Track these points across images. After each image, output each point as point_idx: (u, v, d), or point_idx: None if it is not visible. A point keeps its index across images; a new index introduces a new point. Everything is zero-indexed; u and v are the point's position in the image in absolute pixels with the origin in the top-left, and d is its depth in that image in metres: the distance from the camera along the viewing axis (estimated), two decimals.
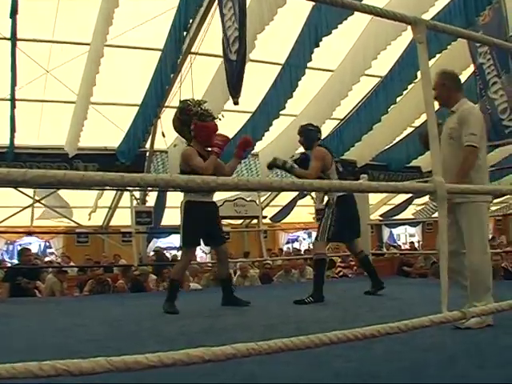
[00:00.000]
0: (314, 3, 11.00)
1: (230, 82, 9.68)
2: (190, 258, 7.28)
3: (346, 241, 8.02)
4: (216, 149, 6.61)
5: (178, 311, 6.52)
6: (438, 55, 13.20)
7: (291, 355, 3.19)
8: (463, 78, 15.14)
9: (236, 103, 9.64)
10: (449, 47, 12.99)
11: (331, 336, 2.35)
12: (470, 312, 2.89)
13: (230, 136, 13.96)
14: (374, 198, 19.52)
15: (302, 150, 8.00)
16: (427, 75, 3.19)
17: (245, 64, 9.45)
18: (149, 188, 13.78)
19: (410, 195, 18.49)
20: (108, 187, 12.84)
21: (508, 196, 20.68)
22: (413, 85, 13.71)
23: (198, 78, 12.21)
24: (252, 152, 15.28)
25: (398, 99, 14.70)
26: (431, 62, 13.41)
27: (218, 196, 18.11)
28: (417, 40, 3.04)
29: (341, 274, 12.79)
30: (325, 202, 7.79)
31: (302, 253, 17.23)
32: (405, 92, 14.33)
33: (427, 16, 12.00)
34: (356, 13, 7.95)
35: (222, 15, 9.57)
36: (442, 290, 2.93)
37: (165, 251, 21.54)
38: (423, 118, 9.61)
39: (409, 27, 3.21)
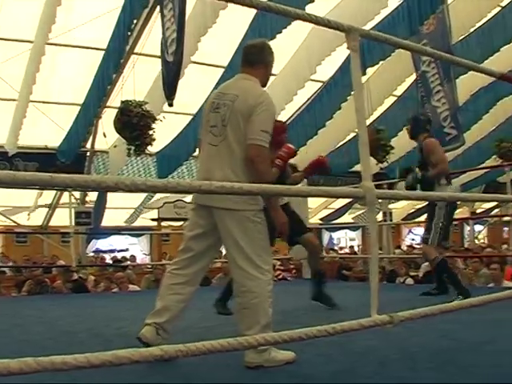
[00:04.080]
0: None
1: (165, 83, 9.67)
2: None
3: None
4: (278, 161, 6.02)
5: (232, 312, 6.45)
6: (381, 62, 13.37)
7: (229, 357, 3.22)
8: (406, 85, 15.37)
9: (170, 105, 9.62)
10: (393, 54, 13.13)
11: (259, 338, 2.37)
12: (399, 316, 2.94)
13: (171, 137, 13.88)
14: (314, 202, 19.64)
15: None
16: (359, 83, 3.23)
17: (181, 66, 9.44)
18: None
19: (350, 199, 18.66)
20: (48, 187, 12.75)
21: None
22: None
23: (141, 79, 12.16)
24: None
25: (342, 105, 14.82)
26: (373, 69, 13.58)
27: (158, 198, 18.14)
28: (350, 48, 3.06)
29: (280, 276, 12.86)
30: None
31: None
32: (348, 98, 14.44)
33: (373, 24, 12.17)
34: None
35: (163, 16, 9.56)
36: (372, 294, 2.97)
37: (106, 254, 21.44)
38: (367, 123, 9.72)
39: None
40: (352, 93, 13.47)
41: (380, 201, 13.01)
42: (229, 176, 3.73)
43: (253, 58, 4.10)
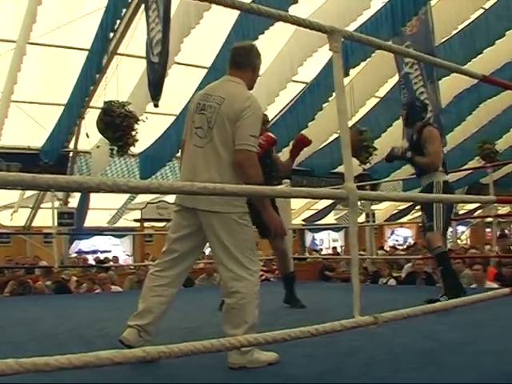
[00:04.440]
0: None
1: (150, 84, 9.64)
2: None
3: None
4: (257, 149, 5.94)
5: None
6: (363, 63, 13.42)
7: (212, 359, 3.22)
8: (389, 86, 15.42)
9: (156, 105, 9.60)
10: (374, 56, 13.17)
11: (242, 340, 2.37)
12: (383, 317, 2.94)
13: (154, 138, 13.81)
14: (297, 203, 19.63)
15: None
16: (341, 85, 3.22)
17: (166, 67, 9.42)
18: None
19: (333, 200, 18.67)
20: (31, 187, 12.68)
21: None
22: None
23: (124, 80, 12.13)
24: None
25: (324, 105, 14.85)
26: (356, 70, 13.62)
27: (141, 199, 18.10)
28: (332, 49, 3.05)
29: (263, 278, 12.85)
30: (426, 184, 6.73)
31: None
32: (330, 99, 14.46)
33: (356, 25, 12.22)
34: None
35: (147, 17, 9.54)
36: (355, 295, 2.96)
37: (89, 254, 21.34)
38: (350, 124, 9.64)
39: None
40: (334, 94, 13.60)
41: (363, 202, 13.04)
42: (214, 178, 3.67)
43: (240, 60, 4.05)
